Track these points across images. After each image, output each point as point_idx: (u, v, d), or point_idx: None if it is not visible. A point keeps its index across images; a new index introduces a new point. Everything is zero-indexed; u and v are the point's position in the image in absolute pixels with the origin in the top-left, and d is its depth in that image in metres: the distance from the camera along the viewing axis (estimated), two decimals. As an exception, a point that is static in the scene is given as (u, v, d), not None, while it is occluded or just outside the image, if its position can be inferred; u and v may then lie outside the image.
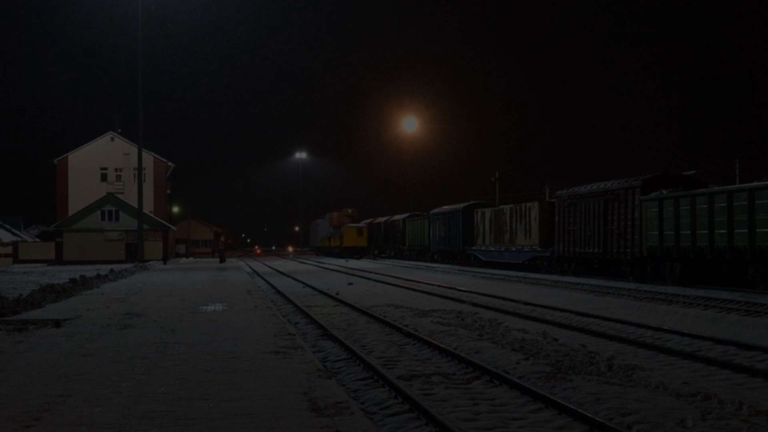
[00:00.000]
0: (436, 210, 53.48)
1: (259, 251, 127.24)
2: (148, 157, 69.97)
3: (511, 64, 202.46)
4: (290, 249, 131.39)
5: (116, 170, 73.70)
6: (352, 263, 55.81)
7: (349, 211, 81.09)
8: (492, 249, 42.00)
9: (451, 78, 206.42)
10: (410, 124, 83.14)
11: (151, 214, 68.93)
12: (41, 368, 9.71)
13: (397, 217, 67.86)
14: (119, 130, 74.84)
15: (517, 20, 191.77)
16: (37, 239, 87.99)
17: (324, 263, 56.87)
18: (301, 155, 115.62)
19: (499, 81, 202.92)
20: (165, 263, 57.97)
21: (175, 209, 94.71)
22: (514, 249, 38.84)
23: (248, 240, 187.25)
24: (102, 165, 73.37)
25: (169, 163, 78.27)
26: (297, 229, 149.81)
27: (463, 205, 48.20)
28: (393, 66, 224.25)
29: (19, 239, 76.55)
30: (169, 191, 79.47)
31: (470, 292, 24.11)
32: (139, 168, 50.84)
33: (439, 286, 27.34)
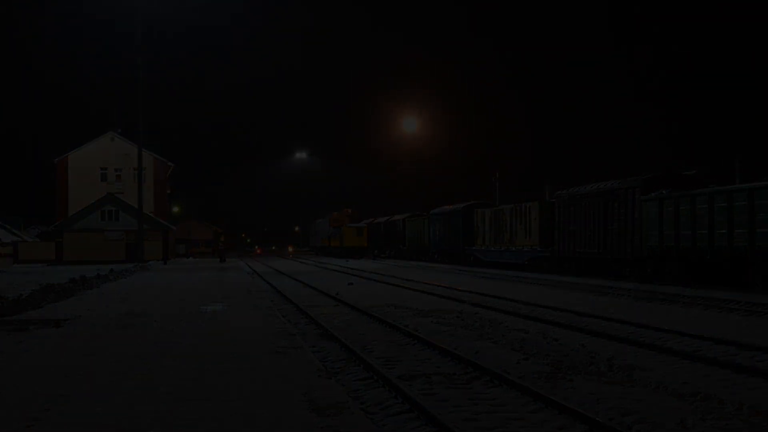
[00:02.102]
0: (436, 210, 53.49)
1: (259, 251, 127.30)
2: (148, 157, 69.88)
3: (511, 63, 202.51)
4: (290, 249, 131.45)
5: (116, 170, 73.60)
6: (352, 263, 55.79)
7: (349, 211, 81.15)
8: (492, 249, 42.01)
9: (452, 78, 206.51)
10: (410, 124, 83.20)
11: (151, 214, 68.90)
12: (41, 368, 9.72)
13: (397, 217, 67.86)
14: (119, 130, 74.73)
15: (517, 20, 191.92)
16: (37, 239, 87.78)
17: (324, 263, 56.88)
18: (301, 155, 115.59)
19: (499, 81, 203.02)
20: (165, 263, 57.96)
21: (175, 209, 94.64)
22: (514, 249, 38.85)
23: (248, 240, 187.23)
24: (102, 165, 73.27)
25: (169, 163, 78.21)
26: (297, 229, 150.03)
27: (463, 205, 48.21)
28: (394, 65, 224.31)
29: (19, 239, 76.44)
30: (169, 191, 79.41)
31: (470, 292, 24.11)
32: (139, 168, 50.84)
33: (439, 286, 27.35)
